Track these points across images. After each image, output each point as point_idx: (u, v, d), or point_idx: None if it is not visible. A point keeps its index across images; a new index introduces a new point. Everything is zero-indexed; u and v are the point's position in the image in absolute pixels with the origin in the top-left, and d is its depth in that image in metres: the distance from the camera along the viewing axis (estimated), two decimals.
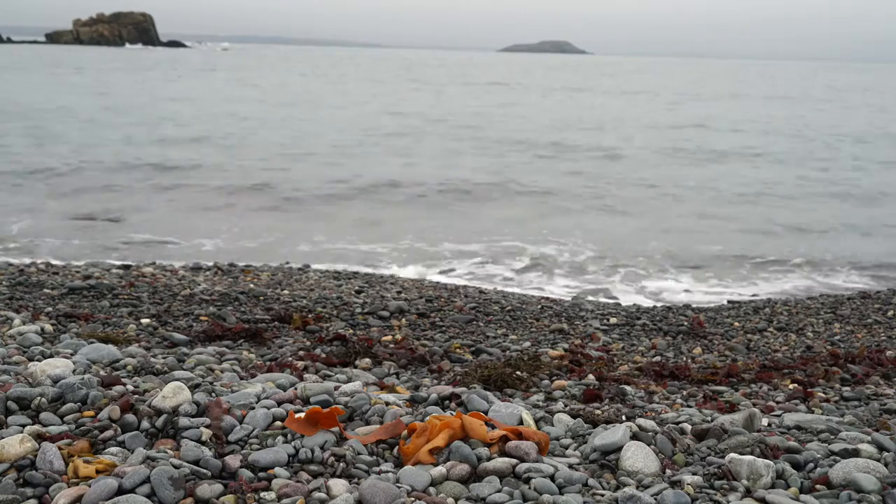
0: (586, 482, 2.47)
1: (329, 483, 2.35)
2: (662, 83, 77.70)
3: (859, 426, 3.47)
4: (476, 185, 17.20)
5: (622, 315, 7.36)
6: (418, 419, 2.88)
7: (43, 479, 2.25)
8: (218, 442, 2.57)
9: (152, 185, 16.13)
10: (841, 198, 17.38)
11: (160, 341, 5.06)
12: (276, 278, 8.46)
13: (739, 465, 2.55)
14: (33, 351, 3.70)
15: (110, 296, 6.55)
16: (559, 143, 25.43)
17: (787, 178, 19.85)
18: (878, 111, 44.41)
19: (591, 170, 20.12)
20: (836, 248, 12.50)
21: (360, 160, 20.25)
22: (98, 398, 2.78)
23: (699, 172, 20.41)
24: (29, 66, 68.66)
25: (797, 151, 24.99)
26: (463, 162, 20.66)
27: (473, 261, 11.19)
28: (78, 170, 17.46)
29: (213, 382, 3.30)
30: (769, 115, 38.96)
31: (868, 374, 5.07)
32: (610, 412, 3.45)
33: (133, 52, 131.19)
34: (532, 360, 4.88)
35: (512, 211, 15.06)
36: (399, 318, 6.47)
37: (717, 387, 4.63)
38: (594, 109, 41.13)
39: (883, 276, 10.90)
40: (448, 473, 2.46)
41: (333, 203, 15.23)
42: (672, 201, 16.49)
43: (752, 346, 6.34)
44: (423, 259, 11.16)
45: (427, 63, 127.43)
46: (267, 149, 21.84)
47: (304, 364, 4.50)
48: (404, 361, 4.94)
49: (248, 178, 17.15)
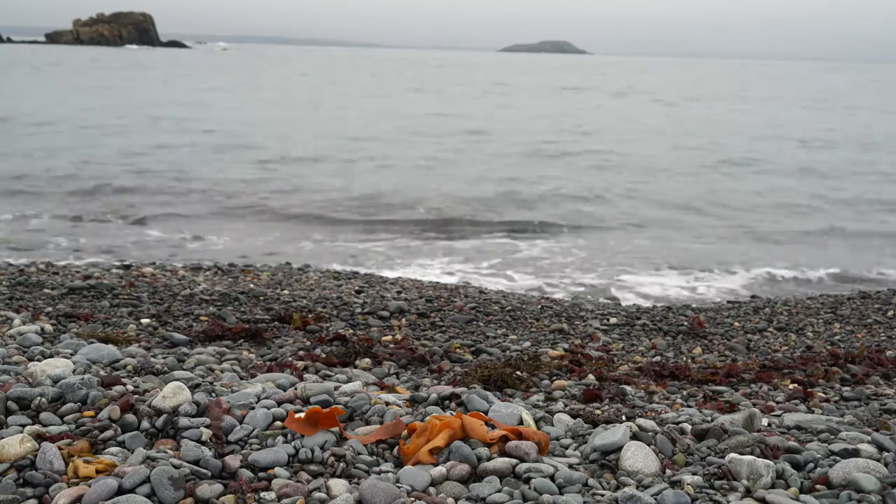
0: (586, 482, 2.47)
1: (329, 483, 2.35)
2: (694, 85, 74.72)
3: (859, 426, 3.47)
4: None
5: (622, 315, 7.36)
6: (418, 419, 2.88)
7: (43, 479, 2.25)
8: (218, 442, 2.57)
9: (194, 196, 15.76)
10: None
11: (160, 341, 5.06)
12: (276, 278, 8.46)
13: (739, 465, 2.55)
14: (33, 351, 3.70)
15: (110, 296, 6.55)
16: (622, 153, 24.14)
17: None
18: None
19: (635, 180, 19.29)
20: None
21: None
22: (98, 398, 2.78)
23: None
24: (56, 65, 68.73)
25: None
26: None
27: (478, 263, 11.20)
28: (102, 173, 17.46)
29: (213, 382, 3.30)
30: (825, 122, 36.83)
31: (868, 374, 5.07)
32: (610, 412, 3.45)
33: (135, 52, 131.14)
34: (532, 360, 4.88)
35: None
36: (399, 318, 6.47)
37: (717, 387, 4.62)
38: (667, 117, 38.63)
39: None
40: (448, 473, 2.46)
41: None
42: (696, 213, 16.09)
43: (752, 346, 6.34)
44: (422, 257, 11.18)
45: (455, 64, 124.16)
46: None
47: (304, 364, 4.50)
48: (404, 361, 4.94)
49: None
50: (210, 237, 12.07)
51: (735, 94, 60.95)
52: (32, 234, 11.71)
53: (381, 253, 11.54)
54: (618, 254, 11.81)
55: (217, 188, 16.09)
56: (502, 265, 11.06)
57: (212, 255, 10.76)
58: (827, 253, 12.59)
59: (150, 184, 16.28)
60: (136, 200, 14.64)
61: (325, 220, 13.84)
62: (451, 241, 12.40)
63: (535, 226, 13.70)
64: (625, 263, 11.27)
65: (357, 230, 13.15)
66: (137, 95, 39.86)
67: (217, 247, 11.50)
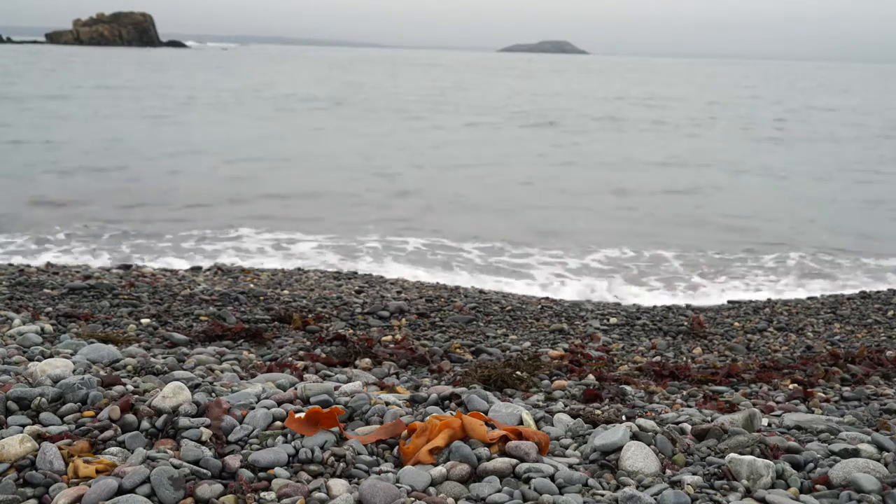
0: (586, 482, 2.47)
1: (329, 483, 2.35)
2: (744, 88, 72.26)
3: (859, 426, 3.47)
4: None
5: (622, 315, 7.36)
6: (418, 419, 2.88)
7: (43, 479, 2.25)
8: (218, 442, 2.57)
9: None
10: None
11: (160, 341, 5.06)
12: (276, 278, 8.46)
13: (739, 465, 2.55)
14: (33, 351, 3.70)
15: (110, 296, 6.55)
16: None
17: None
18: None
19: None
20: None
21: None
22: (98, 398, 2.78)
23: None
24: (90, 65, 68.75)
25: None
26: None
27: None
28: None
29: (213, 382, 3.30)
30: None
31: (868, 374, 5.07)
32: (610, 412, 3.45)
33: (136, 52, 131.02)
34: (532, 360, 4.88)
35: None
36: (399, 318, 6.47)
37: (717, 387, 4.63)
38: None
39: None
40: (448, 473, 2.46)
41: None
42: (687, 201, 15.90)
43: (752, 346, 6.34)
44: (422, 256, 11.18)
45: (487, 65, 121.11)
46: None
47: (304, 364, 4.50)
48: (404, 361, 4.94)
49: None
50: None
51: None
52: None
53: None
54: (619, 253, 11.82)
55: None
56: (502, 264, 11.06)
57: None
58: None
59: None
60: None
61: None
62: (448, 239, 12.38)
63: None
64: (625, 262, 11.28)
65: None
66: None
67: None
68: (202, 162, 19.75)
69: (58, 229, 11.97)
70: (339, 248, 11.56)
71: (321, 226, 13.04)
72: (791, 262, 11.57)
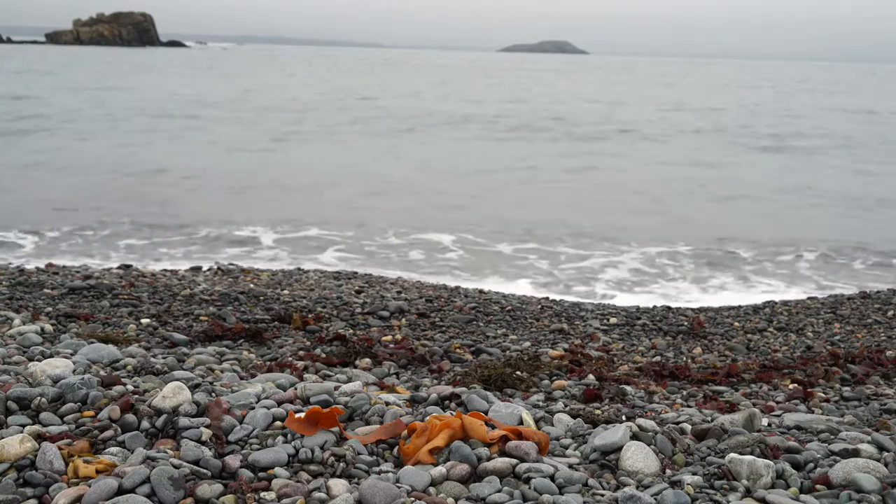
0: (586, 482, 2.47)
1: (329, 483, 2.35)
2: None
3: (859, 426, 3.48)
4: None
5: (622, 315, 7.35)
6: (418, 419, 2.88)
7: (43, 479, 2.25)
8: (218, 442, 2.57)
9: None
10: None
11: (160, 341, 5.06)
12: (276, 278, 8.45)
13: (739, 465, 2.55)
14: (33, 351, 3.70)
15: (110, 296, 6.55)
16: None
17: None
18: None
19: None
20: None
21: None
22: (98, 398, 2.78)
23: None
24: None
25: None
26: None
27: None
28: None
29: (213, 382, 3.30)
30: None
31: (868, 374, 5.07)
32: (610, 412, 3.45)
33: (138, 52, 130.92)
34: (532, 360, 4.88)
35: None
36: (399, 318, 6.47)
37: (717, 387, 4.63)
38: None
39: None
40: (448, 473, 2.46)
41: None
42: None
43: (752, 346, 6.34)
44: (423, 256, 11.18)
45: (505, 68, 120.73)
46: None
47: (304, 364, 4.50)
48: (404, 361, 4.94)
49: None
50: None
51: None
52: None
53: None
54: (619, 252, 11.82)
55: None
56: (504, 263, 11.07)
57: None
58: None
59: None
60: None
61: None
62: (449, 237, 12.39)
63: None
64: (626, 262, 11.28)
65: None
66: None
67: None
68: (202, 161, 19.81)
69: (58, 229, 11.98)
70: (340, 250, 11.56)
71: (321, 225, 13.06)
72: (791, 262, 11.58)
